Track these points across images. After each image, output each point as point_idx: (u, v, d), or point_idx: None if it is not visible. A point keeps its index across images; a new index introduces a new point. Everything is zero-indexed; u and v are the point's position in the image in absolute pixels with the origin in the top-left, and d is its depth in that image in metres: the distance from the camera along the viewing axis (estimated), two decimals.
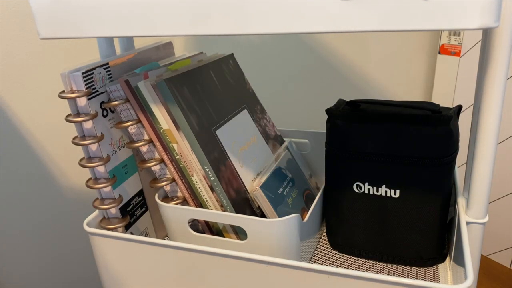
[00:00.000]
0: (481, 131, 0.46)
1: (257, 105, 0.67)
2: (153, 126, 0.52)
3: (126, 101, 0.52)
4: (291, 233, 0.50)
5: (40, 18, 0.41)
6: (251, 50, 1.15)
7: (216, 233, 0.56)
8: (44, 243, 1.08)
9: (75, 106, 0.50)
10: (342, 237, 0.59)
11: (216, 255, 0.47)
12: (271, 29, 0.35)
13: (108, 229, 0.54)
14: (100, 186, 0.53)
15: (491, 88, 0.44)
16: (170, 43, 0.67)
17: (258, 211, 0.56)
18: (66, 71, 0.49)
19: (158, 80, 0.51)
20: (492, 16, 0.30)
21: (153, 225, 0.62)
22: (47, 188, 1.04)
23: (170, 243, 0.49)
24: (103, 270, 0.55)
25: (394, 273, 0.55)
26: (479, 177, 0.48)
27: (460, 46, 1.12)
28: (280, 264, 0.45)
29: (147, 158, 0.55)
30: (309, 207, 0.61)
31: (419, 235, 0.54)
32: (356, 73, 1.22)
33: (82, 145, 0.51)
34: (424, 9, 0.31)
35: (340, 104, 0.57)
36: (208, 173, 0.52)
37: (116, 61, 0.55)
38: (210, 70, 0.60)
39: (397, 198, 0.53)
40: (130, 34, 0.40)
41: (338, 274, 0.43)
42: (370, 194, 0.54)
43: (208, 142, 0.53)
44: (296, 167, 0.63)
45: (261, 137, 0.63)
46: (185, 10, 0.37)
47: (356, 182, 0.55)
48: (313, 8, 0.33)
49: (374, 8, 0.32)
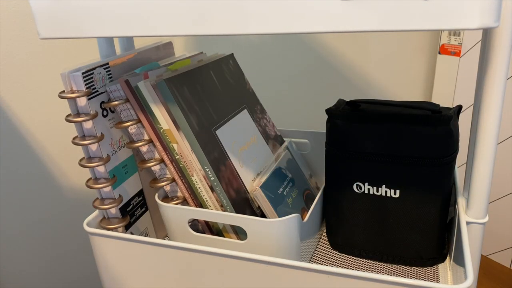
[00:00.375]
0: (481, 131, 0.46)
1: (257, 105, 0.67)
2: (153, 126, 0.52)
3: (126, 101, 0.52)
4: (291, 233, 0.50)
5: (40, 18, 0.41)
6: (251, 50, 1.15)
7: (216, 233, 0.56)
8: (44, 243, 1.08)
9: (75, 106, 0.50)
10: (342, 237, 0.59)
11: (216, 255, 0.47)
12: (271, 29, 0.35)
13: (108, 229, 0.54)
14: (100, 186, 0.53)
15: (491, 88, 0.44)
16: (170, 43, 0.67)
17: (258, 211, 0.56)
18: (66, 71, 0.49)
19: (158, 80, 0.51)
20: (492, 16, 0.30)
21: (153, 225, 0.62)
22: (47, 188, 1.04)
23: (170, 243, 0.49)
24: (103, 270, 0.55)
25: (394, 273, 0.55)
26: (479, 177, 0.48)
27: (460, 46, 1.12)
28: (280, 264, 0.45)
29: (147, 158, 0.55)
30: (309, 207, 0.61)
31: (419, 235, 0.54)
32: (356, 73, 1.22)
33: (82, 145, 0.51)
34: (424, 9, 0.31)
35: (340, 104, 0.57)
36: (208, 173, 0.52)
37: (116, 61, 0.55)
38: (210, 70, 0.60)
39: (397, 198, 0.53)
40: (130, 34, 0.40)
41: (338, 274, 0.43)
42: (370, 194, 0.54)
43: (208, 142, 0.53)
44: (296, 167, 0.63)
45: (261, 137, 0.63)
46: (185, 10, 0.37)
47: (356, 182, 0.55)
48: (313, 8, 0.33)
49: (374, 8, 0.32)
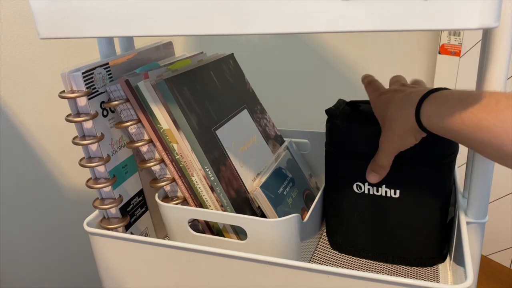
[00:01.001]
0: None
1: (257, 105, 0.67)
2: (153, 126, 0.52)
3: (126, 101, 0.52)
4: (291, 233, 0.50)
5: (40, 18, 0.41)
6: (251, 50, 1.15)
7: (216, 233, 0.56)
8: (44, 243, 1.08)
9: (75, 106, 0.50)
10: (342, 237, 0.59)
11: (216, 255, 0.47)
12: (271, 29, 0.35)
13: (108, 229, 0.54)
14: (100, 186, 0.53)
15: (491, 88, 0.44)
16: (170, 43, 0.67)
17: (258, 211, 0.56)
18: (66, 71, 0.49)
19: (158, 80, 0.51)
20: (492, 16, 0.30)
21: (153, 225, 0.62)
22: (47, 188, 1.04)
23: (170, 243, 0.49)
24: (103, 270, 0.55)
25: (394, 273, 0.55)
26: (479, 177, 0.48)
27: (460, 46, 1.12)
28: (280, 264, 0.45)
29: (147, 158, 0.55)
30: (309, 207, 0.61)
31: (419, 235, 0.54)
32: (356, 73, 1.22)
33: (82, 145, 0.51)
34: (424, 9, 0.31)
35: (340, 104, 0.57)
36: (208, 173, 0.52)
37: (116, 61, 0.55)
38: (210, 70, 0.60)
39: (397, 198, 0.53)
40: (130, 34, 0.40)
41: (338, 274, 0.43)
42: (370, 194, 0.54)
43: (208, 142, 0.53)
44: (296, 167, 0.63)
45: (261, 137, 0.63)
46: (184, 10, 0.37)
47: (356, 182, 0.55)
48: (313, 8, 0.33)
49: (374, 8, 0.32)
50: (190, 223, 0.54)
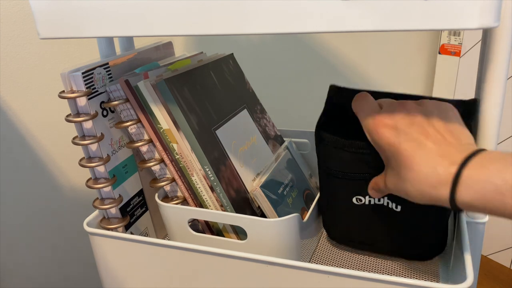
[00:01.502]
0: (481, 131, 0.46)
1: (257, 105, 0.67)
2: (153, 126, 0.52)
3: (126, 101, 0.52)
4: (291, 233, 0.50)
5: (40, 18, 0.41)
6: (251, 50, 1.15)
7: (216, 233, 0.56)
8: (44, 243, 1.08)
9: (75, 106, 0.50)
10: (340, 232, 0.58)
11: (216, 255, 0.47)
12: (271, 29, 0.35)
13: (108, 229, 0.54)
14: (100, 186, 0.53)
15: (491, 88, 0.44)
16: (170, 43, 0.67)
17: (258, 211, 0.56)
18: (66, 71, 0.49)
19: (158, 80, 0.51)
20: (492, 16, 0.30)
21: (153, 225, 0.62)
22: (47, 188, 1.04)
23: (170, 243, 0.49)
24: (103, 270, 0.55)
25: (394, 273, 0.55)
26: None
27: (460, 46, 1.12)
28: (280, 264, 0.45)
29: (147, 158, 0.55)
30: (309, 207, 0.61)
31: (419, 234, 0.54)
32: (356, 73, 1.22)
33: (82, 145, 0.51)
34: (424, 9, 0.31)
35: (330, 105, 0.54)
36: (208, 173, 0.52)
37: (116, 61, 0.55)
38: (210, 70, 0.60)
39: (398, 211, 0.52)
40: (130, 34, 0.40)
41: (338, 274, 0.43)
42: (371, 204, 0.53)
43: (208, 142, 0.53)
44: (296, 167, 0.63)
45: (261, 137, 0.63)
46: (185, 10, 0.37)
47: (357, 196, 0.53)
48: (313, 8, 0.33)
49: (374, 8, 0.32)
50: (190, 223, 0.54)
